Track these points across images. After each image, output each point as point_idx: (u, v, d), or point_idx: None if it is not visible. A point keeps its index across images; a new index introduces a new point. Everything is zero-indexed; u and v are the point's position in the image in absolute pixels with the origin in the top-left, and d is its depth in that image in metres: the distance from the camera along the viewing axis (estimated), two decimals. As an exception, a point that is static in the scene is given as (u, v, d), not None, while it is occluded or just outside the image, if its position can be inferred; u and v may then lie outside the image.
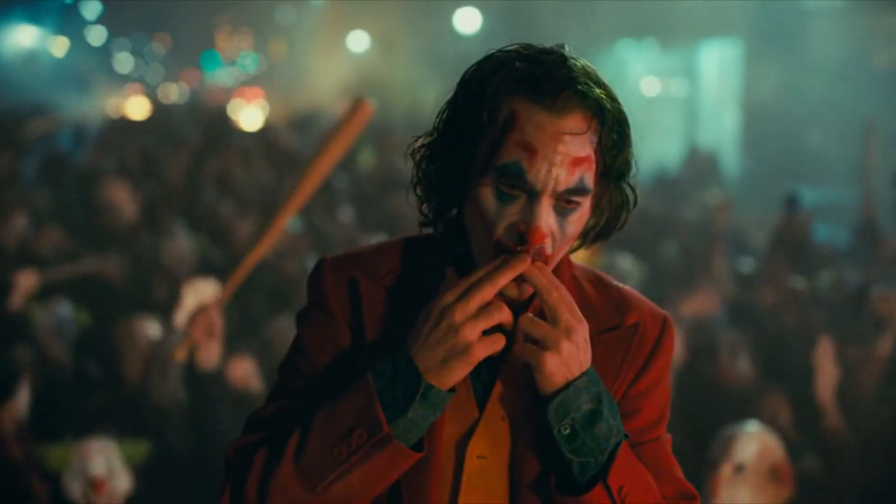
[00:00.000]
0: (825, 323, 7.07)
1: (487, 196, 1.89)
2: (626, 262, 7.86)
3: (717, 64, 21.86)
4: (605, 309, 2.05)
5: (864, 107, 14.37)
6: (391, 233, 9.02)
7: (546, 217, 1.87)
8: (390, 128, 16.03)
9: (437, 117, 2.00)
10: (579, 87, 1.86)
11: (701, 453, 4.42)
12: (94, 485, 4.56)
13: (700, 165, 15.45)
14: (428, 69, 20.70)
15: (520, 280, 1.89)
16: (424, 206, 2.04)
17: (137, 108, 23.79)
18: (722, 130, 20.98)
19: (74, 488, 4.60)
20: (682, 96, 22.83)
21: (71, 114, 18.53)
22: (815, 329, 6.92)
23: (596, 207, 1.97)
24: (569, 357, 1.87)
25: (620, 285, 2.13)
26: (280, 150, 13.98)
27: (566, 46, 1.97)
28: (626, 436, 1.95)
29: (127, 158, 12.53)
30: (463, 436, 1.99)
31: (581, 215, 1.92)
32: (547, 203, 1.87)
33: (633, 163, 1.97)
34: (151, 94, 29.71)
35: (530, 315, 1.90)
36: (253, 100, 27.67)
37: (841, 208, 12.81)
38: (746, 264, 8.77)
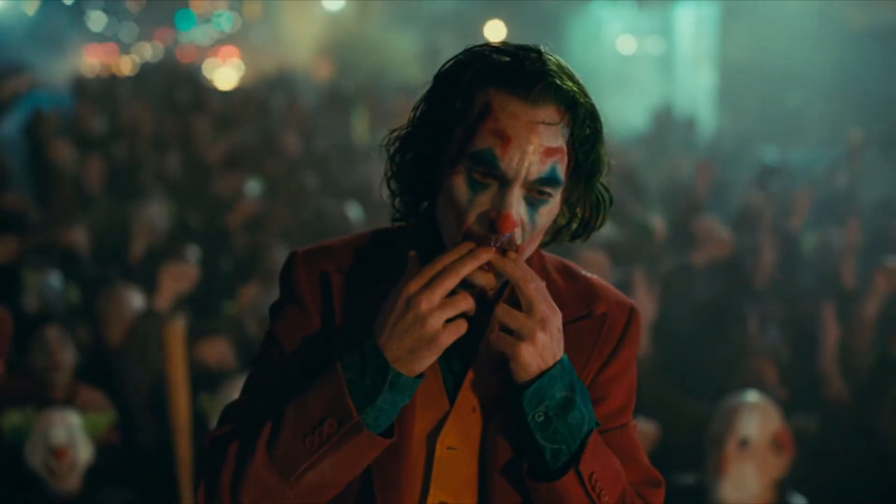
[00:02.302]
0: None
1: (460, 184, 1.93)
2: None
3: (693, 23, 21.82)
4: (574, 299, 2.10)
5: (840, 67, 14.41)
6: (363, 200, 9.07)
7: (517, 206, 1.91)
8: (366, 86, 16.01)
9: (412, 111, 2.03)
10: (554, 79, 1.90)
11: None
12: (54, 453, 4.59)
13: (673, 125, 15.47)
14: (403, 28, 20.62)
15: (488, 269, 1.92)
16: (397, 200, 2.07)
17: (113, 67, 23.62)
18: (698, 89, 20.99)
19: (35, 457, 4.62)
20: (658, 55, 22.80)
21: (45, 73, 18.36)
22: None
23: (566, 204, 2.01)
24: (543, 347, 1.92)
25: (588, 275, 2.18)
26: (255, 109, 13.97)
27: (542, 46, 2.00)
28: (597, 423, 2.00)
29: (95, 123, 12.40)
30: (433, 428, 2.04)
31: (551, 208, 1.97)
32: (518, 192, 1.91)
33: (605, 162, 2.00)
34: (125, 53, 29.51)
35: (506, 306, 1.95)
36: (228, 59, 27.52)
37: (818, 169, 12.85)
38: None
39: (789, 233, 8.48)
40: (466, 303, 1.92)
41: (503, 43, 1.99)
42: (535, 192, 1.93)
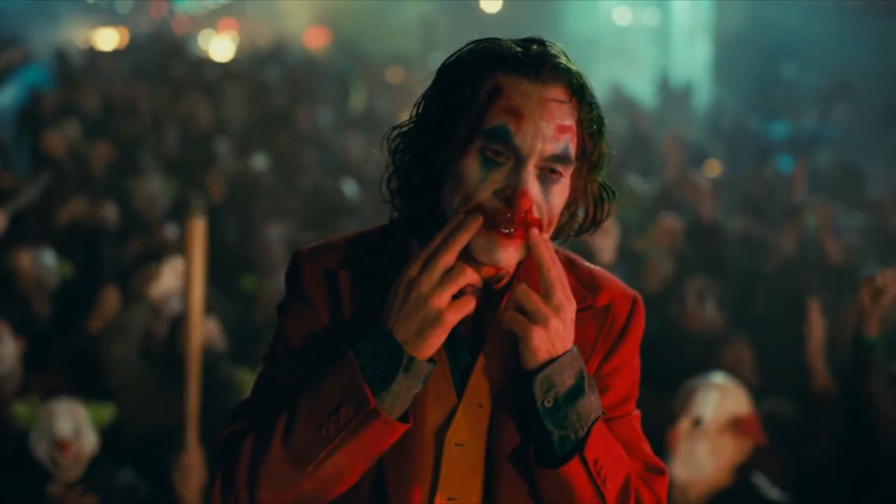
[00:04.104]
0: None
1: (472, 164, 1.95)
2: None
3: (689, -7, 21.80)
4: (578, 289, 2.11)
5: (835, 39, 14.39)
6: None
7: (532, 182, 1.93)
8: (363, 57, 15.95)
9: (414, 107, 2.05)
10: (560, 61, 1.95)
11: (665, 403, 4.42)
12: (59, 445, 4.56)
13: (672, 97, 15.46)
14: (399, -1, 20.52)
15: (508, 233, 1.93)
16: (397, 198, 2.08)
17: (107, 39, 23.49)
18: (693, 61, 20.94)
19: (40, 448, 4.59)
20: (654, 25, 22.75)
21: (39, 45, 18.30)
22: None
23: (571, 189, 2.02)
24: (555, 334, 1.95)
25: (591, 265, 2.20)
26: (251, 83, 13.90)
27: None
28: (603, 412, 2.02)
29: (91, 101, 12.33)
30: (441, 424, 2.05)
31: (563, 188, 1.98)
32: (532, 169, 1.93)
33: (608, 153, 2.04)
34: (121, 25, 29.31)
35: (525, 286, 1.97)
36: (224, 30, 27.34)
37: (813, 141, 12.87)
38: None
39: (795, 206, 8.35)
40: (465, 276, 1.93)
41: (504, 38, 2.02)
42: (548, 171, 1.95)
